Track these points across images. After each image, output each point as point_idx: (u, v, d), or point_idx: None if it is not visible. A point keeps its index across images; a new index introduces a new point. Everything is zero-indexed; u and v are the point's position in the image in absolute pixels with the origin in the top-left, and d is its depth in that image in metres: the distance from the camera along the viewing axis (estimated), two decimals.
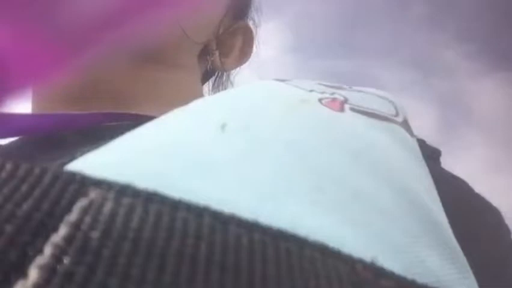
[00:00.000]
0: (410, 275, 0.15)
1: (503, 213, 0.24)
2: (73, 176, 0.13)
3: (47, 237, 0.11)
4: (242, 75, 0.43)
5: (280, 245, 0.13)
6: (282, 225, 0.14)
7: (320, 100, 0.21)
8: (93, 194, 0.13)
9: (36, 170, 0.13)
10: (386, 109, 0.22)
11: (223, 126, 0.17)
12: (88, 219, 0.12)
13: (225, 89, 0.43)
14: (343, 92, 0.23)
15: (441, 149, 0.26)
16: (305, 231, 0.14)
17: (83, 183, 0.13)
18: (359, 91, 0.24)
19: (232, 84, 0.44)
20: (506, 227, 0.24)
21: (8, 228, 0.11)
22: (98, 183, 0.13)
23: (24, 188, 0.13)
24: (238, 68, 0.42)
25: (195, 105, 0.20)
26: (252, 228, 0.13)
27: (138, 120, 0.20)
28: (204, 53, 0.37)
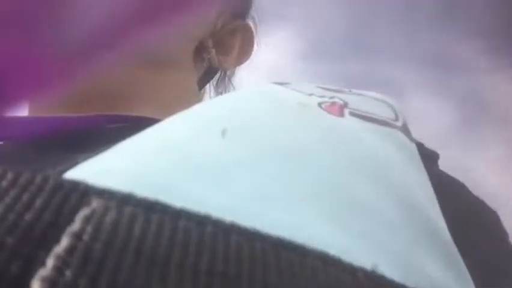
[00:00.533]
0: (409, 283, 0.15)
1: None
2: (76, 185, 0.13)
3: (49, 249, 0.11)
4: (255, 83, 0.43)
5: (281, 254, 0.13)
6: (282, 233, 0.14)
7: (320, 104, 0.21)
8: (95, 203, 0.13)
9: (38, 179, 0.13)
10: (385, 113, 0.22)
11: (223, 132, 0.17)
12: (89, 229, 0.12)
13: (227, 89, 0.43)
14: (342, 96, 0.23)
15: (460, 145, 0.26)
16: (305, 240, 0.14)
17: (86, 192, 0.13)
18: (359, 94, 0.24)
19: (233, 86, 0.44)
20: (503, 229, 0.24)
21: (10, 240, 0.11)
22: (100, 192, 0.13)
23: (25, 197, 0.13)
24: (248, 76, 0.42)
25: (195, 110, 0.20)
26: (253, 237, 0.13)
27: (137, 123, 0.20)
28: (201, 51, 0.37)
